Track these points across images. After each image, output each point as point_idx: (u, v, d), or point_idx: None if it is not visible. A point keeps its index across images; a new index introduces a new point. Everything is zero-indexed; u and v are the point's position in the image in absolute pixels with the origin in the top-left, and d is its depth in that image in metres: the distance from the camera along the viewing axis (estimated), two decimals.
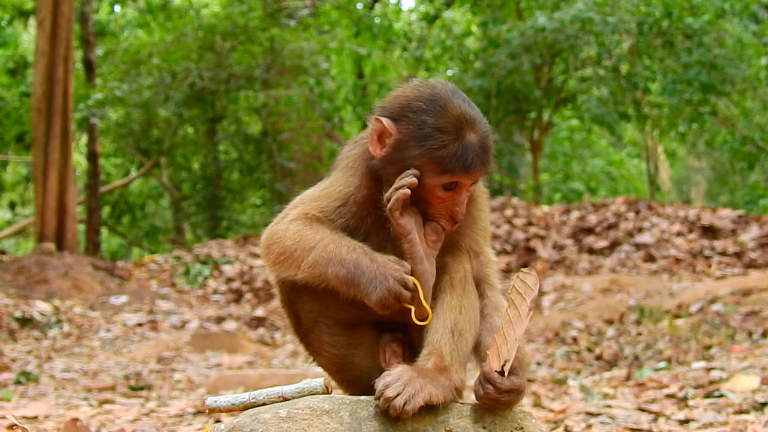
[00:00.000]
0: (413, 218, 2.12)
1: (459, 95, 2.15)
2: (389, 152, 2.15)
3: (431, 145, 2.08)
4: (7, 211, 26.79)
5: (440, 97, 2.13)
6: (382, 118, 2.15)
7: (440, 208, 2.15)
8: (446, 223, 2.16)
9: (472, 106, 2.15)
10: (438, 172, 2.09)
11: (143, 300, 11.88)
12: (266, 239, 2.22)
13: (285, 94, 18.07)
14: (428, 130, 2.09)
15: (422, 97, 2.14)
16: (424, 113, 2.11)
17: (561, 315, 8.95)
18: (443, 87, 2.17)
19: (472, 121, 2.12)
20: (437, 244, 2.17)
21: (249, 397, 2.14)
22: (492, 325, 2.22)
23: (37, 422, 4.38)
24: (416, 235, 2.11)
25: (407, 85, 2.23)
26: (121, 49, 19.30)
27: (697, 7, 16.00)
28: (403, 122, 2.13)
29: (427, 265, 2.11)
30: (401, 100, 2.17)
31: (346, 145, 2.37)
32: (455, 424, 2.08)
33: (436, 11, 22.29)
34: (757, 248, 11.45)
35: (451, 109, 2.11)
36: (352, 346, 2.31)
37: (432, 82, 2.20)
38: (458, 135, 2.08)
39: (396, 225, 2.11)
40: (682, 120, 17.79)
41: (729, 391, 4.10)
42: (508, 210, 13.94)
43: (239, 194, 20.82)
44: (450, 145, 2.07)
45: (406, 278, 2.04)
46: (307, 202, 2.26)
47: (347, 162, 2.29)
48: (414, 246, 2.11)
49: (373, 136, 2.17)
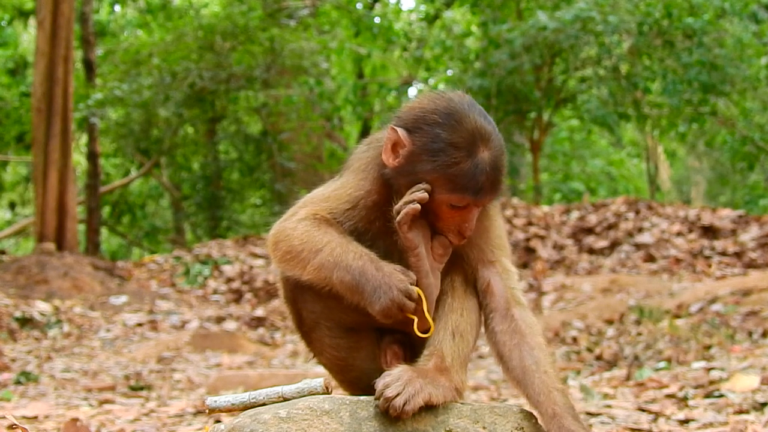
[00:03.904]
0: (421, 232, 2.11)
1: (475, 109, 2.14)
2: (402, 163, 2.13)
3: (443, 161, 2.07)
4: (7, 211, 26.77)
5: (456, 110, 2.11)
6: (397, 128, 2.14)
7: (449, 223, 2.13)
8: (454, 238, 2.15)
9: (488, 120, 2.14)
10: (448, 190, 2.07)
11: (143, 300, 11.88)
12: (274, 236, 2.21)
13: (285, 94, 18.06)
14: (441, 145, 2.08)
15: (438, 110, 2.13)
16: (438, 126, 2.10)
17: (561, 315, 8.95)
18: (460, 100, 2.15)
19: (486, 137, 2.10)
20: (444, 258, 2.16)
21: (249, 397, 2.14)
22: (531, 345, 2.17)
23: (37, 422, 4.37)
24: (423, 249, 2.11)
25: (425, 96, 2.21)
26: (121, 49, 19.29)
27: (697, 7, 15.99)
28: (417, 134, 2.12)
29: (432, 278, 2.11)
30: (417, 112, 2.16)
31: (359, 145, 2.35)
32: (455, 424, 2.09)
33: (436, 11, 22.27)
34: (757, 248, 11.45)
35: (465, 124, 2.09)
36: (353, 349, 2.31)
37: (449, 95, 2.18)
38: (471, 152, 2.07)
39: (404, 239, 2.10)
40: (682, 120, 17.77)
41: (729, 391, 4.10)
42: (508, 210, 13.95)
43: (239, 194, 20.80)
44: (462, 163, 2.06)
45: (411, 289, 2.04)
46: (316, 202, 2.24)
47: (360, 164, 2.27)
48: (420, 260, 2.10)
49: (387, 145, 2.16)
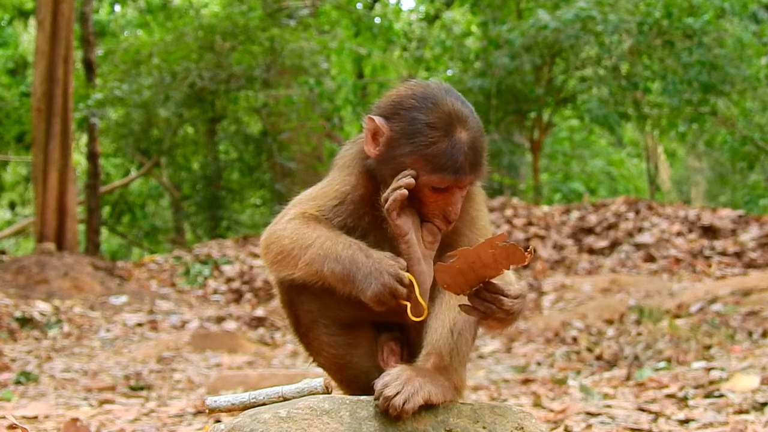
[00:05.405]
0: (410, 219, 2.12)
1: (453, 94, 2.15)
2: (383, 151, 2.15)
3: (421, 142, 2.08)
4: (7, 211, 26.76)
5: (432, 94, 2.13)
6: (375, 117, 2.16)
7: (433, 208, 2.14)
8: (440, 223, 2.15)
9: (465, 104, 2.15)
10: (428, 171, 2.08)
11: (143, 300, 11.87)
12: (265, 239, 2.24)
13: (285, 94, 18.06)
14: (419, 126, 2.09)
15: (415, 95, 2.14)
16: (415, 110, 2.11)
17: (561, 315, 8.95)
18: (437, 86, 2.17)
19: (463, 118, 2.11)
20: (434, 245, 2.16)
21: (249, 397, 2.15)
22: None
23: (37, 422, 4.37)
24: (413, 236, 2.11)
25: (402, 84, 2.24)
26: (121, 49, 19.27)
27: (697, 7, 15.99)
28: (395, 120, 2.13)
29: (425, 266, 2.11)
30: (394, 99, 2.18)
31: (344, 144, 2.38)
32: (455, 423, 2.08)
33: (436, 11, 22.28)
34: (757, 248, 11.45)
35: (442, 106, 2.10)
36: (351, 346, 2.32)
37: (426, 82, 2.20)
38: (448, 131, 2.08)
39: (393, 226, 2.10)
40: (682, 120, 17.78)
41: (729, 391, 4.10)
42: (508, 210, 13.94)
43: (239, 194, 20.80)
44: (439, 143, 2.07)
45: (402, 274, 2.04)
46: (305, 202, 2.27)
47: (344, 161, 2.29)
48: (411, 247, 2.10)
49: (367, 135, 2.17)
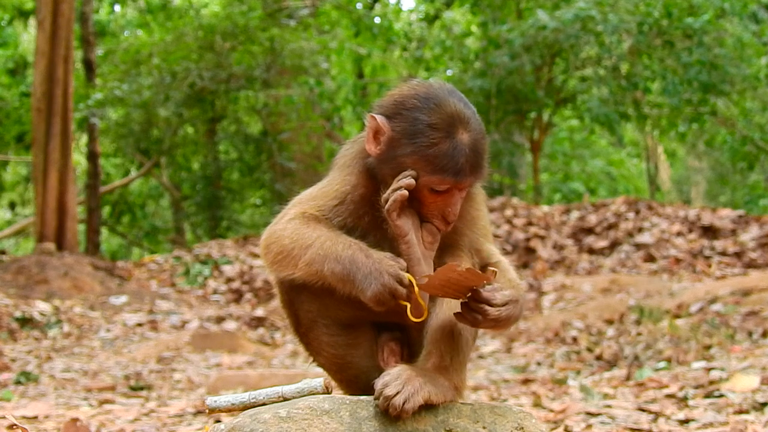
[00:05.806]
0: (410, 219, 2.11)
1: (455, 95, 2.14)
2: (383, 150, 2.14)
3: (422, 142, 2.07)
4: (7, 211, 26.76)
5: (435, 95, 2.12)
6: (377, 116, 2.15)
7: (433, 209, 2.14)
8: (439, 224, 2.15)
9: (468, 106, 2.14)
10: (428, 172, 2.08)
11: (143, 300, 11.87)
12: (265, 239, 2.23)
13: (285, 94, 18.05)
14: (420, 127, 2.08)
15: (417, 95, 2.14)
16: (417, 110, 2.10)
17: (561, 315, 8.95)
18: (440, 86, 2.16)
19: (465, 120, 2.10)
20: (434, 245, 2.16)
21: (249, 397, 2.14)
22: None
23: (37, 422, 4.37)
24: (413, 236, 2.11)
25: (405, 84, 2.23)
26: (121, 49, 19.27)
27: (697, 7, 16.00)
28: (397, 120, 2.13)
29: (425, 266, 2.11)
30: (396, 98, 2.17)
31: (345, 144, 2.37)
32: (455, 424, 2.08)
33: (436, 11, 22.27)
34: (757, 248, 11.44)
35: (444, 107, 2.10)
36: (351, 346, 2.31)
37: (429, 82, 2.19)
38: (449, 133, 2.07)
39: (393, 226, 2.10)
40: (682, 120, 17.78)
41: (729, 391, 4.10)
42: (508, 210, 13.94)
43: (239, 194, 20.80)
44: (441, 144, 2.07)
45: (401, 274, 2.03)
46: (305, 202, 2.26)
47: (344, 161, 2.29)
48: (411, 247, 2.10)
49: (368, 133, 2.17)
